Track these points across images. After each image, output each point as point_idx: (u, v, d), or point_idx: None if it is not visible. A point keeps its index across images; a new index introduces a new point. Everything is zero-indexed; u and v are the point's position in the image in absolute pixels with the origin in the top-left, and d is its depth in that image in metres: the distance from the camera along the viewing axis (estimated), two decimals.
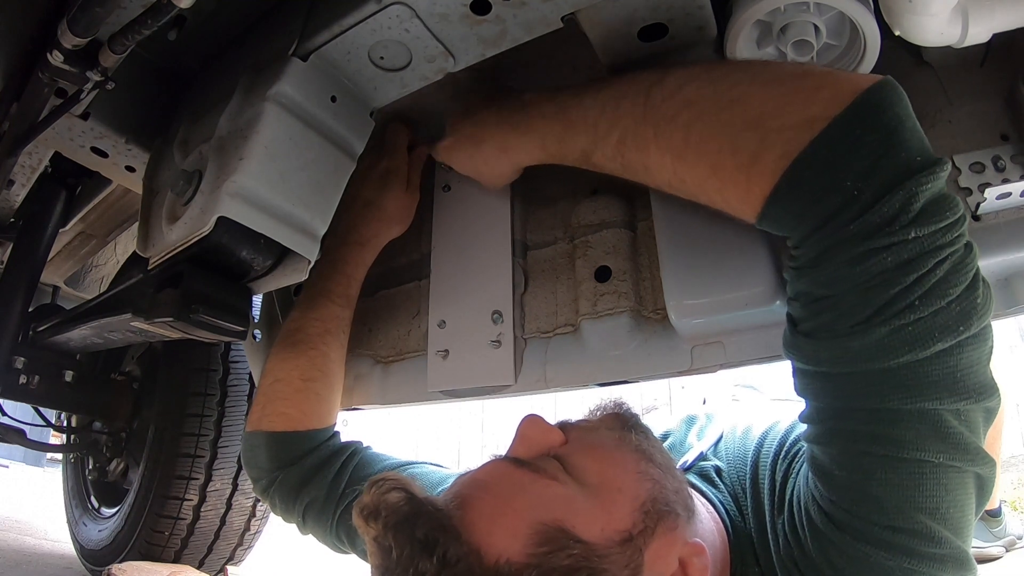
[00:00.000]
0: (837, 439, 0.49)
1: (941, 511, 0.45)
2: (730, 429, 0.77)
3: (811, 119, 0.46)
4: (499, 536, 0.48)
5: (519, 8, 0.61)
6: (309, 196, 0.69)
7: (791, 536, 0.54)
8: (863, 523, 0.47)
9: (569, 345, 0.79)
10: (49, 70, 0.69)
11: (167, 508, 1.61)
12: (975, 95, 0.66)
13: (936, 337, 0.43)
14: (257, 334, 1.08)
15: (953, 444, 0.45)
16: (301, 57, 0.68)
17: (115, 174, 1.00)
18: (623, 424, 0.63)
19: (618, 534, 0.50)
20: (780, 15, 0.61)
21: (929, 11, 0.53)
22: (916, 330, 0.43)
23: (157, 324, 0.75)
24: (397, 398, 0.94)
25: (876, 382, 0.45)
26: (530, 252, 0.86)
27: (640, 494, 0.54)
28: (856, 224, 0.43)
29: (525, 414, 0.62)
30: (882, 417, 0.46)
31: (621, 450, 0.58)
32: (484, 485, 0.53)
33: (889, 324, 0.43)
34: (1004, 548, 1.83)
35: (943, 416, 0.44)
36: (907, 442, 0.45)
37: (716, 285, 0.65)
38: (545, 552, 0.47)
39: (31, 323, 1.46)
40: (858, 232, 0.43)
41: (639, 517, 0.52)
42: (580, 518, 0.50)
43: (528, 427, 0.60)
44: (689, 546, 0.53)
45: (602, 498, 0.52)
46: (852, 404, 0.47)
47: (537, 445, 0.59)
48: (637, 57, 0.68)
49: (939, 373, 0.44)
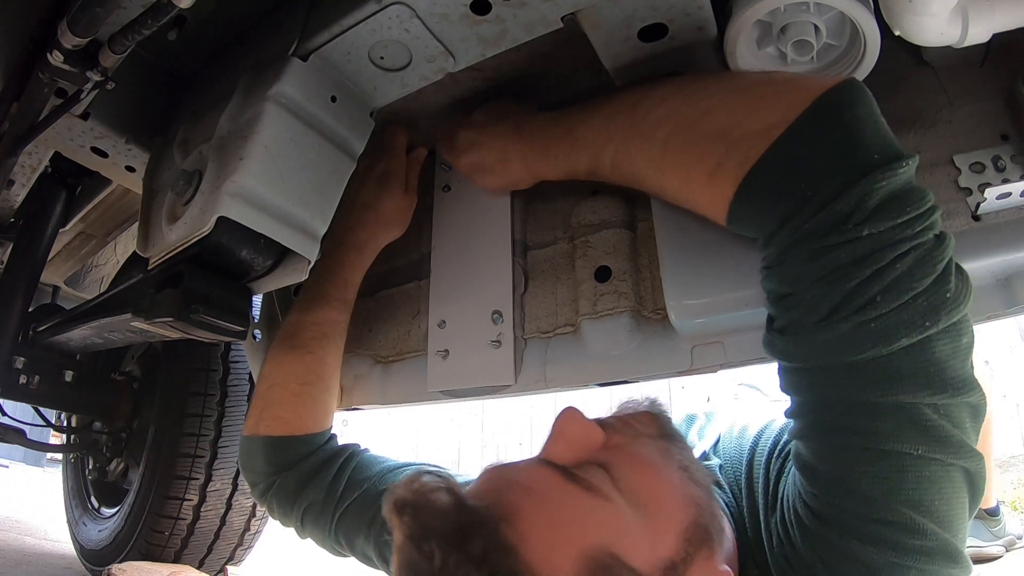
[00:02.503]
0: (818, 433, 0.49)
1: (925, 503, 0.45)
2: (727, 428, 0.77)
3: (769, 126, 0.49)
4: (554, 558, 0.46)
5: (519, 8, 0.61)
6: (309, 196, 0.69)
7: (783, 534, 0.54)
8: (848, 516, 0.47)
9: (569, 345, 0.79)
10: (49, 70, 0.69)
11: (167, 508, 1.61)
12: (975, 95, 0.66)
13: (900, 332, 0.44)
14: (257, 334, 1.08)
15: (934, 437, 0.45)
16: (301, 57, 0.68)
17: (115, 174, 1.00)
18: (661, 431, 0.61)
19: (663, 561, 0.49)
20: (780, 15, 0.61)
21: (929, 11, 0.53)
22: (879, 325, 0.44)
23: (157, 324, 0.75)
24: (397, 398, 0.94)
25: (848, 375, 0.46)
26: (530, 252, 0.86)
27: (684, 519, 0.52)
28: (811, 223, 0.46)
29: (564, 408, 0.59)
30: (860, 410, 0.46)
31: (668, 468, 0.56)
32: (534, 497, 0.50)
33: (851, 320, 0.44)
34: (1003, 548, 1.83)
35: (920, 410, 0.45)
36: (886, 434, 0.45)
37: (716, 285, 0.65)
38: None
39: (31, 323, 1.46)
40: (813, 231, 0.45)
41: (682, 544, 0.51)
42: (631, 543, 0.49)
43: (568, 423, 0.57)
44: (720, 574, 0.52)
45: (651, 521, 0.51)
46: (829, 397, 0.48)
47: (578, 445, 0.56)
48: (637, 57, 0.68)
49: (910, 367, 0.44)
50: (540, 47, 0.70)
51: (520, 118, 0.77)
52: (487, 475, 0.54)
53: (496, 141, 0.78)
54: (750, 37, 0.64)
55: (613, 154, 0.63)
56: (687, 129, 0.56)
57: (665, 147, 0.57)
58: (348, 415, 1.01)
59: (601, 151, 0.64)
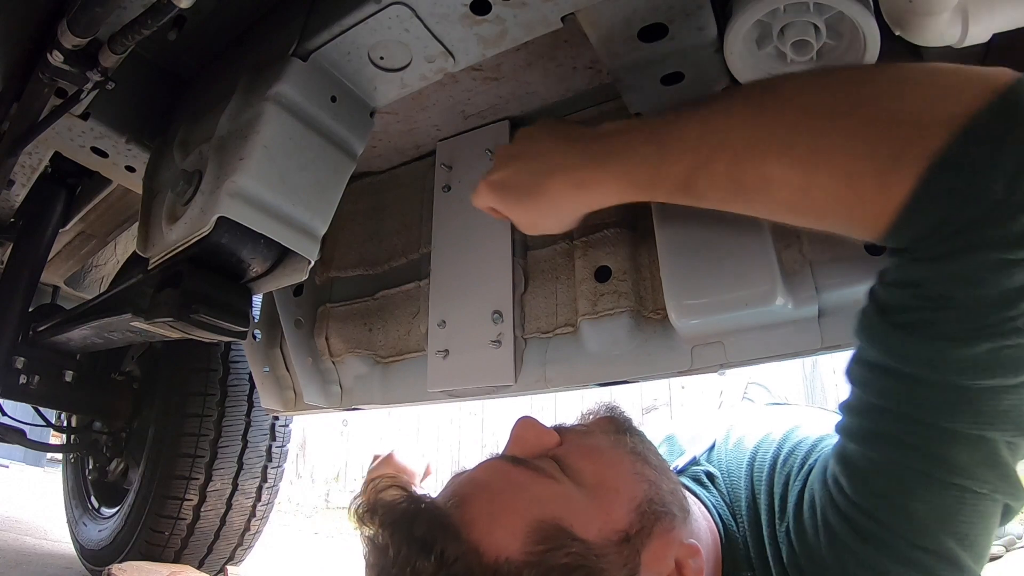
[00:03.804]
0: (883, 444, 0.46)
1: (970, 538, 0.45)
2: (722, 438, 0.77)
3: (952, 116, 0.41)
4: (498, 535, 0.47)
5: (519, 8, 0.61)
6: (309, 196, 0.70)
7: (799, 543, 0.53)
8: (890, 536, 0.46)
9: (569, 345, 0.79)
10: (49, 70, 0.69)
11: (167, 508, 1.61)
12: None
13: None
14: (257, 334, 1.08)
15: (1001, 475, 0.44)
16: (301, 57, 0.68)
17: (115, 174, 1.00)
18: (617, 427, 0.63)
19: (616, 534, 0.50)
20: (780, 15, 0.61)
21: (929, 11, 0.53)
22: (1014, 355, 0.41)
23: (157, 324, 0.75)
24: (397, 398, 0.94)
25: (953, 398, 0.43)
26: (530, 252, 0.86)
27: (636, 495, 0.54)
28: (1000, 230, 0.39)
29: (520, 416, 0.61)
30: (942, 437, 0.43)
31: (617, 452, 0.58)
32: (482, 483, 0.53)
33: (993, 341, 0.41)
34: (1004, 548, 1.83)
35: (999, 447, 0.43)
36: (959, 468, 0.43)
37: (716, 285, 0.65)
38: (543, 550, 0.47)
39: (31, 323, 1.46)
40: (1000, 239, 0.40)
41: (636, 517, 0.52)
42: (578, 517, 0.50)
43: (523, 429, 0.60)
44: (685, 547, 0.53)
45: (599, 498, 0.52)
46: (915, 414, 0.44)
47: (532, 446, 0.59)
48: (637, 57, 0.68)
49: (1013, 404, 0.42)
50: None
51: (575, 127, 0.61)
52: (449, 480, 0.57)
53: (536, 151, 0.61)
54: (750, 37, 0.64)
55: (731, 161, 0.49)
56: (842, 120, 0.45)
57: (815, 142, 0.46)
58: (348, 415, 1.01)
59: (710, 156, 0.50)
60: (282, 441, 1.77)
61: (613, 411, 0.66)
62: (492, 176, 0.64)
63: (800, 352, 0.66)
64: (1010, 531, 1.86)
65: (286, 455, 1.80)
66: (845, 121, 0.45)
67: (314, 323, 1.03)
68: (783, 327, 0.66)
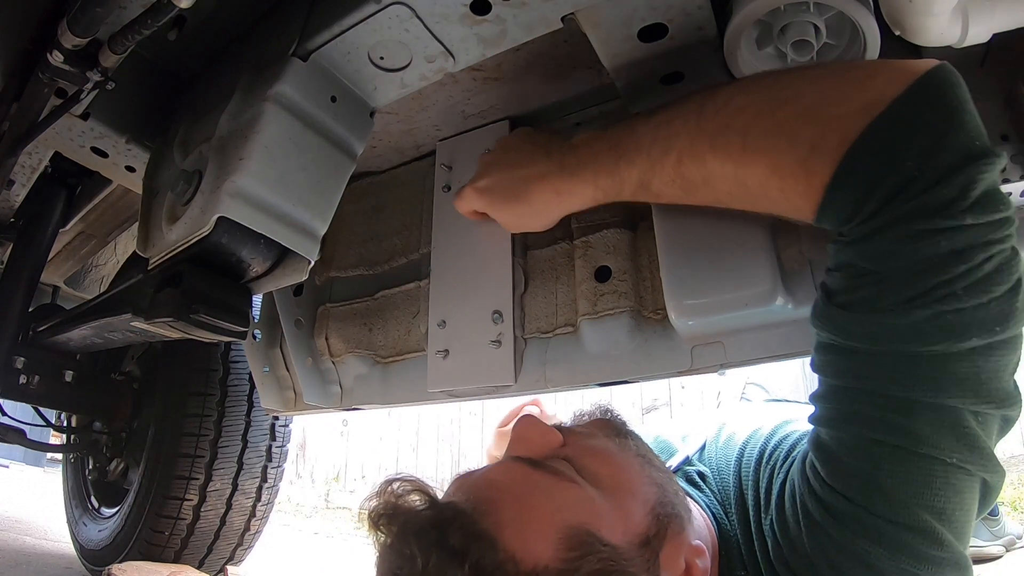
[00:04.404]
0: (849, 423, 0.48)
1: (947, 512, 0.45)
2: (713, 437, 0.77)
3: (868, 104, 0.45)
4: (531, 542, 0.46)
5: (519, 8, 0.61)
6: (309, 196, 0.69)
7: (781, 535, 0.53)
8: (865, 514, 0.46)
9: (569, 345, 0.79)
10: (49, 70, 0.69)
11: (167, 508, 1.61)
12: (975, 95, 0.65)
13: (973, 331, 0.42)
14: (257, 334, 1.08)
15: (968, 446, 0.44)
16: (301, 57, 0.68)
17: (115, 174, 1.00)
18: (616, 430, 0.63)
19: (638, 537, 0.50)
20: (780, 15, 0.61)
21: (929, 11, 0.53)
22: (955, 320, 0.42)
23: (157, 324, 0.75)
24: (397, 398, 0.94)
25: (904, 367, 0.45)
26: (530, 252, 0.86)
27: (649, 498, 0.54)
28: (914, 203, 0.42)
29: (521, 415, 0.62)
30: (902, 406, 0.45)
31: (625, 454, 0.59)
32: (504, 487, 0.52)
33: (930, 308, 0.43)
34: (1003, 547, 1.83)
35: (963, 415, 0.44)
36: (924, 437, 0.44)
37: (716, 285, 0.65)
38: (576, 556, 0.46)
39: (31, 323, 1.46)
40: (915, 211, 0.42)
41: (652, 520, 0.52)
42: (604, 521, 0.50)
43: (526, 428, 0.60)
44: (692, 548, 0.53)
45: (619, 501, 0.52)
46: (873, 387, 0.46)
47: (537, 446, 0.58)
48: (637, 57, 0.68)
49: (967, 370, 0.43)
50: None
51: (550, 138, 0.69)
52: (457, 481, 0.55)
53: (518, 160, 0.69)
54: (750, 37, 0.64)
55: (676, 161, 0.56)
56: (768, 117, 0.50)
57: (746, 137, 0.51)
58: (348, 415, 1.01)
59: (660, 161, 0.57)
60: (282, 441, 1.78)
61: (607, 413, 0.66)
62: (478, 183, 0.73)
63: (800, 352, 0.66)
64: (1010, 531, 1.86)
65: (286, 455, 1.80)
66: (768, 119, 0.50)
67: (314, 323, 1.03)
68: (783, 327, 0.66)
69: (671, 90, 0.71)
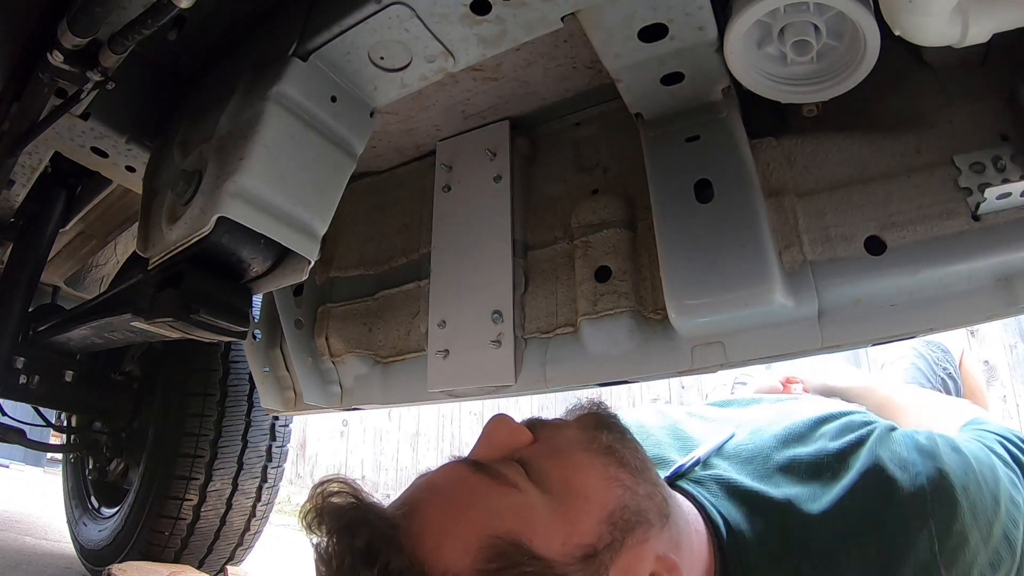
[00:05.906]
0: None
1: None
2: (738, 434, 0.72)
3: None
4: (447, 549, 0.44)
5: (519, 8, 0.61)
6: (309, 196, 0.69)
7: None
8: None
9: (569, 345, 0.79)
10: (49, 70, 0.69)
11: (167, 508, 1.60)
12: (975, 95, 0.66)
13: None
14: (257, 334, 1.08)
15: None
16: (301, 57, 0.68)
17: (115, 174, 1.00)
18: (597, 424, 0.59)
19: (580, 549, 0.47)
20: (780, 15, 0.61)
21: (929, 11, 0.53)
22: None
23: (157, 324, 0.75)
24: (397, 398, 0.94)
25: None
26: (530, 252, 0.86)
27: (608, 502, 0.50)
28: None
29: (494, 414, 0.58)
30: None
31: (589, 452, 0.55)
32: (437, 490, 0.50)
33: None
34: None
35: None
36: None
37: (716, 285, 0.65)
38: (496, 568, 0.44)
39: (31, 323, 1.46)
40: None
41: (606, 529, 0.48)
42: (538, 531, 0.47)
43: (495, 427, 0.57)
44: (661, 561, 0.49)
45: (566, 507, 0.49)
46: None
47: (502, 446, 0.56)
48: (637, 57, 0.68)
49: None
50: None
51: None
52: (414, 480, 0.54)
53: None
54: (750, 37, 0.64)
55: None
56: None
57: None
58: (348, 415, 1.01)
59: None
60: (282, 441, 1.77)
61: (596, 406, 0.63)
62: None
63: (800, 352, 0.66)
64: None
65: (286, 455, 1.80)
66: None
67: (314, 323, 1.03)
68: (783, 327, 0.66)
69: (671, 90, 0.71)
